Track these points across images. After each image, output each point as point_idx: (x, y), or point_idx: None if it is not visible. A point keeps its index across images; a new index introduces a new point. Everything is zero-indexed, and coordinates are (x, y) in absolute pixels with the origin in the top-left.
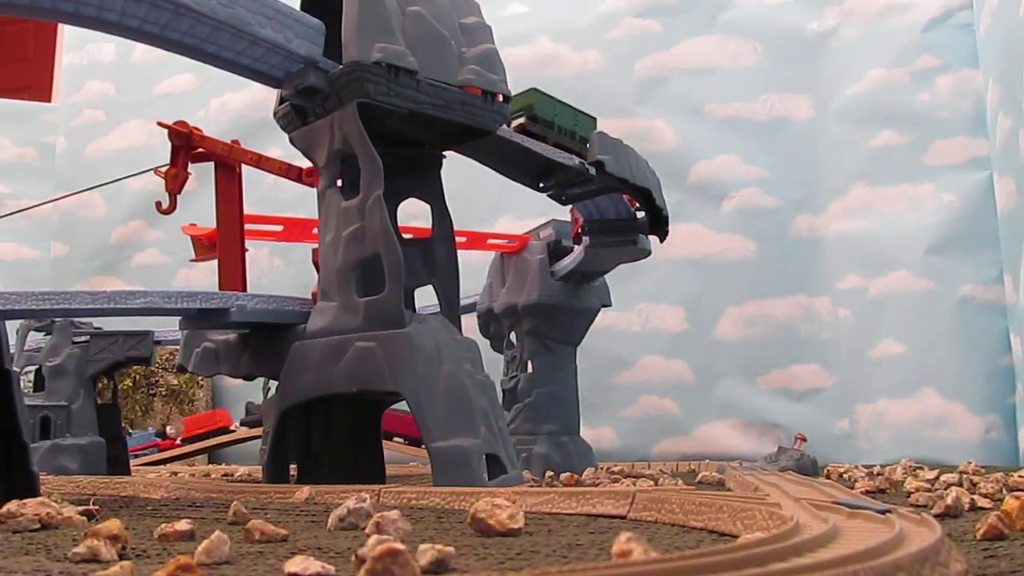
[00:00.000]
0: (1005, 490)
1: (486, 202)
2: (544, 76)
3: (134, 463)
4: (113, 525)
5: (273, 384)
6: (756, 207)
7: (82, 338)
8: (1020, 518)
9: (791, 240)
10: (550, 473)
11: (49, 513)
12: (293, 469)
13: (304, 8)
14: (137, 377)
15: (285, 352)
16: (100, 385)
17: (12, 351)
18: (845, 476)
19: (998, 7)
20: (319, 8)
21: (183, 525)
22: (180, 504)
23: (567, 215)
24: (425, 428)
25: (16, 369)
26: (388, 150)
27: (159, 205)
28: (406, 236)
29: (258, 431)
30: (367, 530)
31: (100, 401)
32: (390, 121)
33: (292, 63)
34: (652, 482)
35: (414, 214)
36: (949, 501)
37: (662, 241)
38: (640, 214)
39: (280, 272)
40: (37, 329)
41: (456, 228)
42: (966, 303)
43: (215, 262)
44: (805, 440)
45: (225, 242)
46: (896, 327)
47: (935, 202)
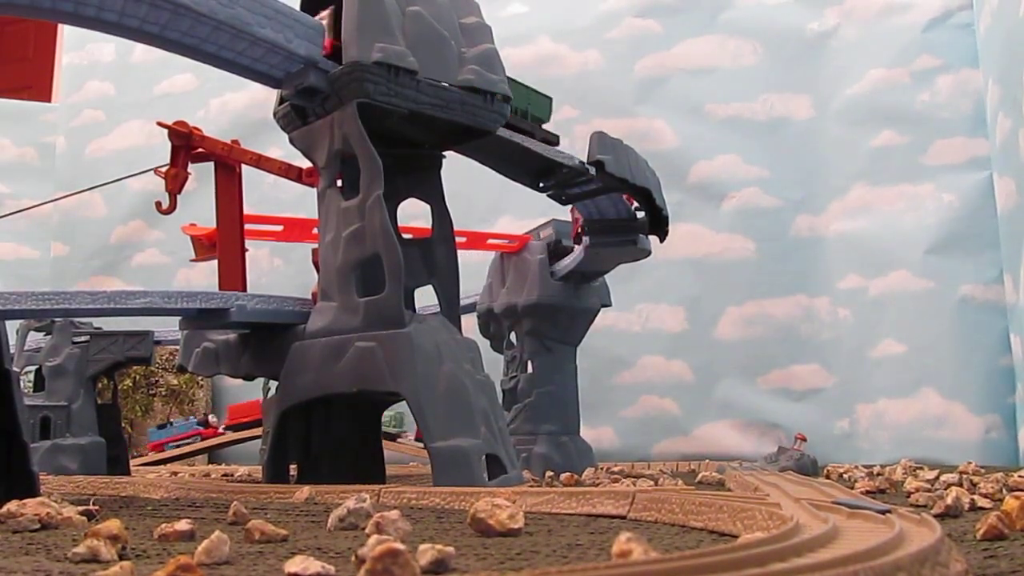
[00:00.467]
0: (1005, 490)
1: (486, 202)
2: (544, 76)
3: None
4: (113, 525)
5: (273, 384)
6: (756, 207)
7: (82, 338)
8: (1020, 518)
9: (791, 240)
10: (550, 473)
11: (49, 513)
12: (293, 469)
13: (304, 8)
14: (137, 377)
15: (285, 352)
16: (100, 385)
17: (12, 351)
18: (845, 476)
19: (998, 7)
20: (319, 8)
21: (183, 525)
22: (180, 504)
23: (567, 215)
24: (425, 428)
25: (16, 369)
26: (388, 150)
27: (159, 205)
28: (406, 236)
29: (258, 431)
30: (367, 530)
31: (100, 401)
32: (390, 121)
33: (292, 63)
34: (652, 482)
35: (414, 214)
36: (949, 501)
37: (662, 241)
38: (640, 214)
39: (280, 272)
40: (37, 329)
41: (456, 228)
42: (966, 303)
43: (215, 262)
44: (805, 440)
45: (225, 242)
46: (896, 327)
47: (935, 202)
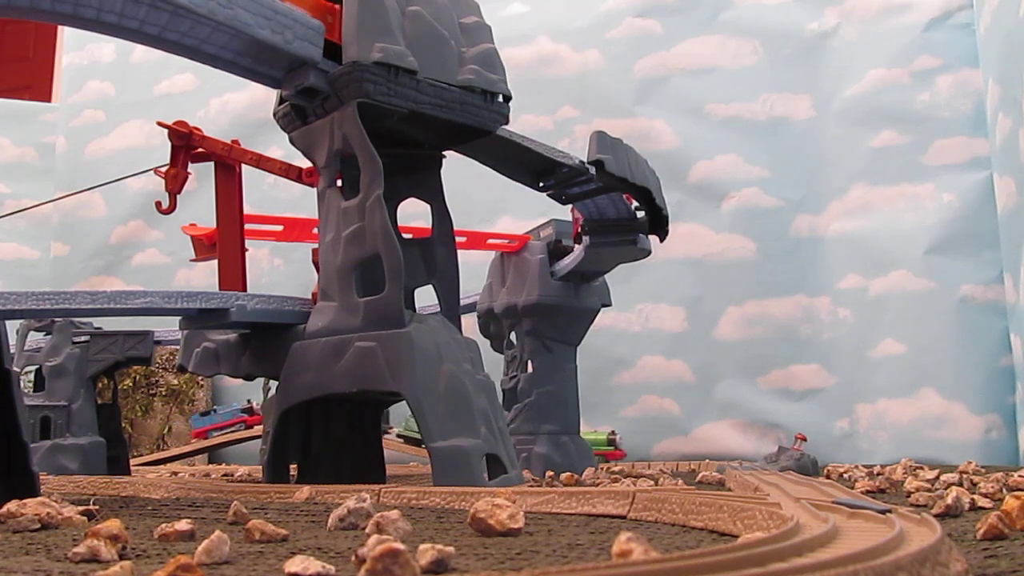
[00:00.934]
0: (1005, 490)
1: (486, 202)
2: (544, 76)
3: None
4: (113, 525)
5: (273, 384)
6: (756, 207)
7: (82, 338)
8: (1020, 518)
9: (791, 240)
10: (550, 473)
11: (49, 513)
12: (293, 469)
13: None
14: (137, 377)
15: (285, 352)
16: (100, 385)
17: (12, 351)
18: (845, 476)
19: (998, 7)
20: None
21: (183, 525)
22: (180, 504)
23: (567, 215)
24: (425, 428)
25: (16, 369)
26: (388, 150)
27: (159, 205)
28: (406, 236)
29: (258, 431)
30: (367, 530)
31: (100, 401)
32: (390, 121)
33: (291, 64)
34: (652, 482)
35: (414, 214)
36: (949, 501)
37: (662, 241)
38: (640, 214)
39: (280, 272)
40: (37, 329)
41: (456, 228)
42: (966, 303)
43: (215, 262)
44: (805, 440)
45: (225, 242)
46: (896, 327)
47: (935, 202)
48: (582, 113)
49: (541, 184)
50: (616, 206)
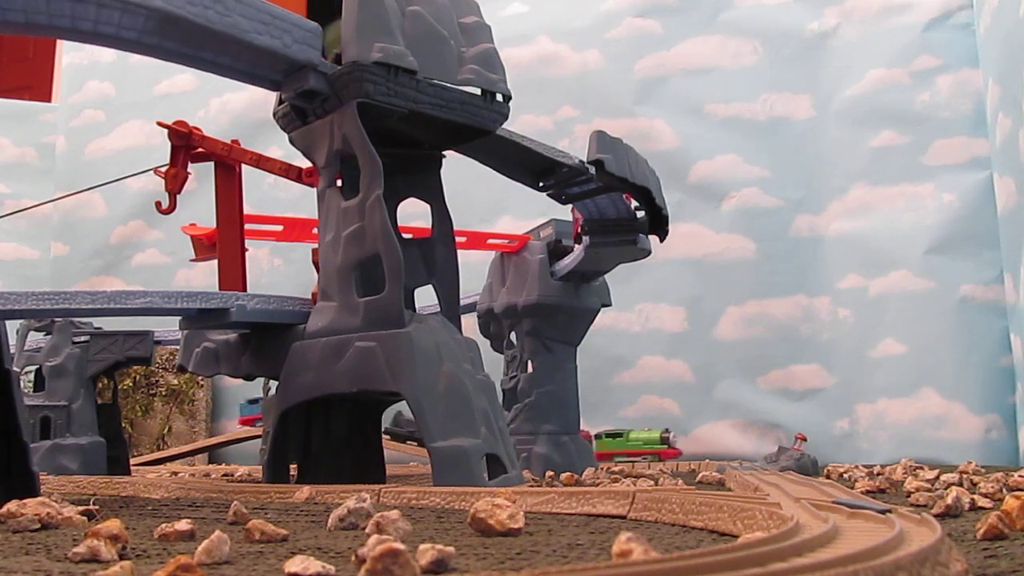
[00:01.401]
0: (1005, 490)
1: (486, 202)
2: (544, 76)
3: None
4: (113, 525)
5: (273, 384)
6: (756, 207)
7: (82, 338)
8: (1020, 518)
9: (791, 240)
10: (550, 473)
11: (49, 513)
12: (293, 469)
13: (309, 6)
14: (137, 377)
15: (285, 352)
16: (100, 385)
17: (12, 351)
18: (845, 476)
19: (998, 7)
20: (318, 8)
21: (183, 525)
22: (180, 504)
23: (567, 215)
24: (425, 428)
25: (16, 369)
26: (388, 150)
27: (159, 205)
28: (406, 236)
29: (258, 431)
30: (367, 530)
31: (100, 401)
32: (390, 121)
33: (290, 67)
34: (652, 482)
35: (414, 214)
36: (949, 501)
37: (662, 241)
38: (640, 214)
39: (280, 272)
40: (37, 329)
41: (456, 228)
42: (966, 303)
43: (215, 262)
44: (805, 440)
45: (225, 242)
46: (896, 327)
47: (935, 202)
48: (582, 113)
49: (541, 184)
50: (616, 206)
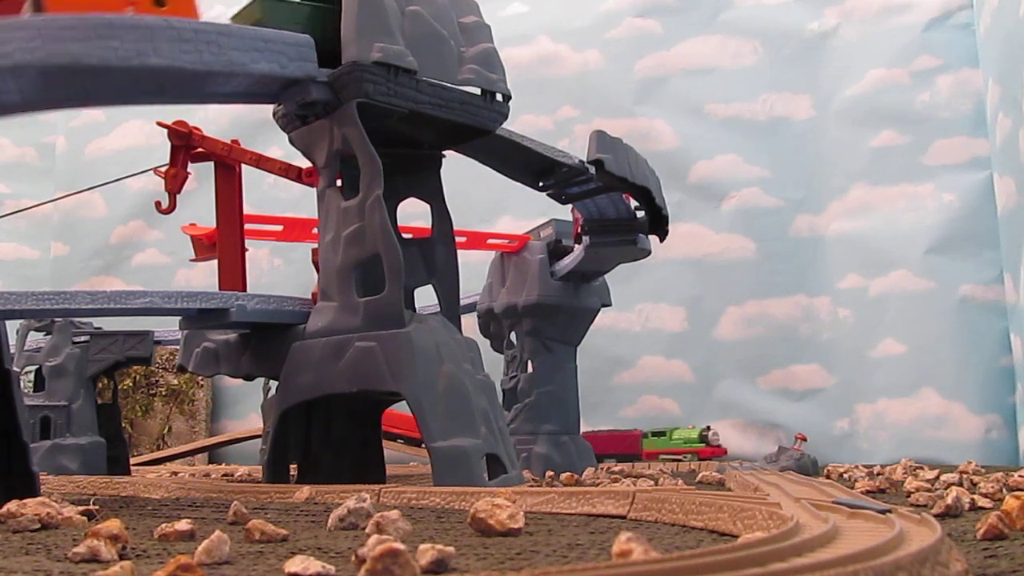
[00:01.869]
0: (1005, 490)
1: (486, 202)
2: (544, 76)
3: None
4: (113, 525)
5: (273, 384)
6: (756, 207)
7: (82, 338)
8: (1020, 518)
9: (791, 240)
10: (550, 473)
11: (49, 513)
12: (293, 469)
13: None
14: (137, 377)
15: (285, 352)
16: (100, 385)
17: (12, 351)
18: (845, 476)
19: (998, 7)
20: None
21: (183, 525)
22: (180, 504)
23: (568, 215)
24: (425, 428)
25: (16, 369)
26: (388, 150)
27: (159, 205)
28: (406, 236)
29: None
30: (367, 530)
31: (100, 401)
32: (389, 121)
33: (289, 83)
34: (652, 482)
35: (414, 214)
36: (949, 501)
37: (662, 241)
38: (640, 213)
39: (280, 272)
40: (37, 329)
41: (456, 228)
42: (966, 303)
43: (215, 262)
44: (805, 440)
45: (225, 242)
46: (896, 327)
47: (935, 202)
48: (582, 113)
49: (541, 184)
50: (616, 206)
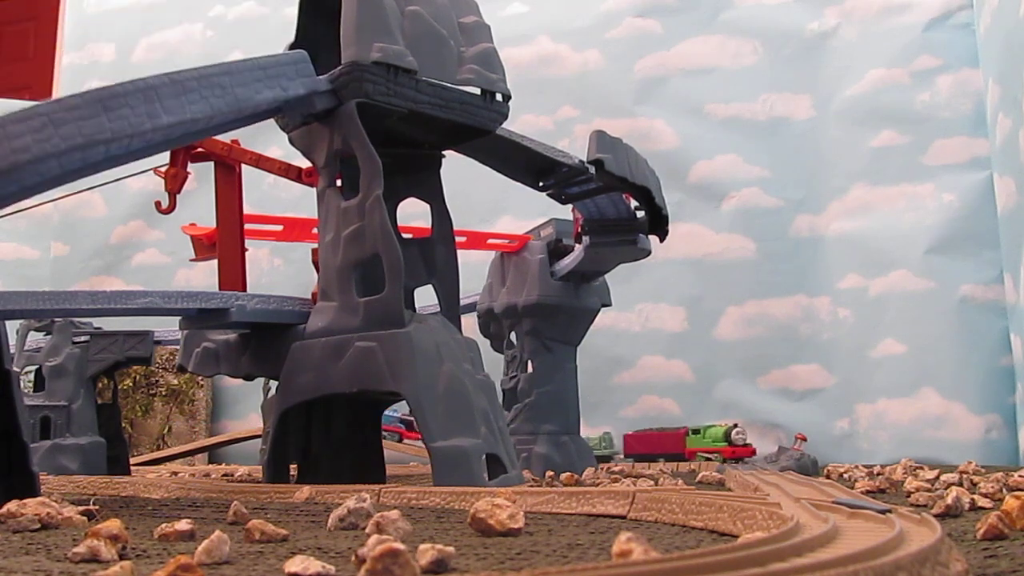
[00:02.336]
0: (1005, 490)
1: (486, 202)
2: (544, 76)
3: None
4: (113, 525)
5: (273, 384)
6: (756, 207)
7: (82, 338)
8: (1020, 518)
9: (791, 240)
10: (550, 473)
11: (49, 513)
12: (293, 469)
13: (304, 9)
14: (137, 377)
15: (285, 352)
16: (100, 385)
17: (12, 351)
18: (845, 476)
19: (998, 7)
20: (318, 7)
21: (183, 525)
22: (180, 504)
23: (568, 214)
24: (425, 428)
25: (16, 369)
26: (388, 150)
27: (159, 205)
28: (406, 236)
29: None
30: (367, 530)
31: (100, 401)
32: (389, 121)
33: (293, 101)
34: (652, 482)
35: (414, 214)
36: (949, 501)
37: (662, 241)
38: (640, 213)
39: (280, 272)
40: (37, 329)
41: (456, 228)
42: (966, 303)
43: (215, 262)
44: (805, 440)
45: (225, 242)
46: (896, 327)
47: (935, 202)
48: (582, 113)
49: (541, 184)
50: (616, 206)
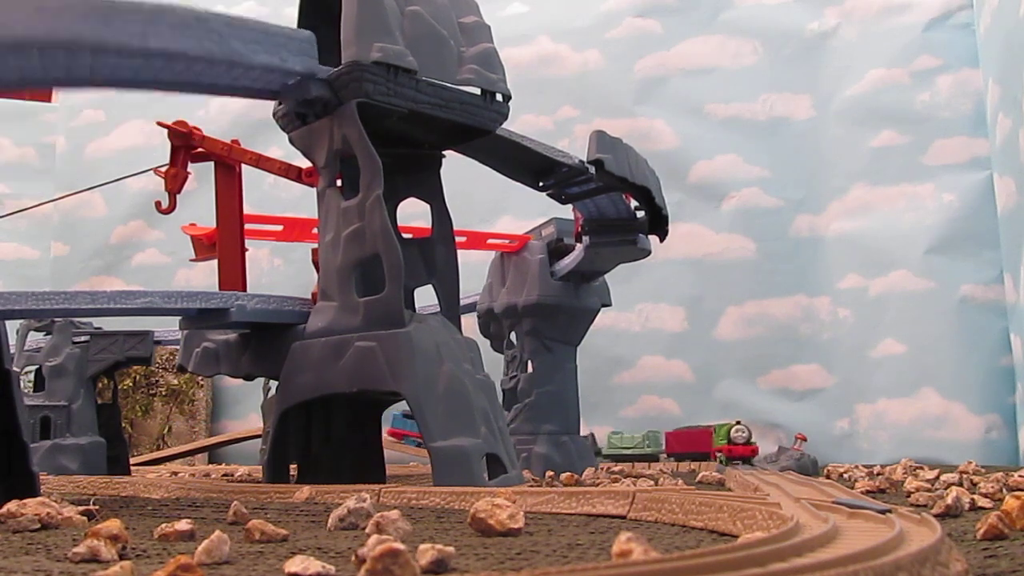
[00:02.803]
0: (1005, 490)
1: (486, 202)
2: (544, 76)
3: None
4: (113, 525)
5: (273, 384)
6: (756, 207)
7: (82, 338)
8: (1020, 518)
9: (791, 240)
10: (550, 473)
11: (49, 513)
12: (293, 469)
13: (303, 9)
14: (137, 377)
15: (285, 352)
16: (100, 385)
17: (12, 351)
18: (845, 476)
19: (998, 7)
20: (318, 8)
21: (183, 525)
22: (180, 504)
23: (569, 214)
24: (425, 428)
25: (16, 369)
26: (388, 150)
27: (159, 205)
28: (406, 236)
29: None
30: (367, 530)
31: (100, 401)
32: (389, 121)
33: (289, 78)
34: (652, 482)
35: (414, 214)
36: (949, 501)
37: (662, 241)
38: (640, 213)
39: (280, 272)
40: (37, 329)
41: (456, 228)
42: (966, 303)
43: (215, 262)
44: (805, 440)
45: (225, 242)
46: (896, 327)
47: (935, 202)
48: (582, 113)
49: (541, 184)
50: (616, 206)
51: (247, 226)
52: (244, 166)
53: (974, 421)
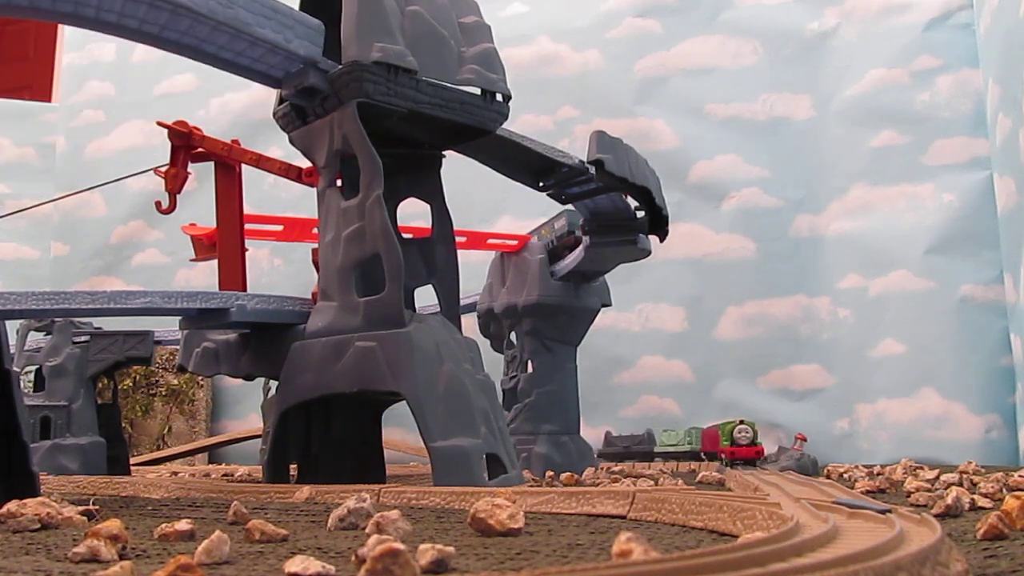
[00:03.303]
0: (1005, 490)
1: (486, 202)
2: (544, 76)
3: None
4: (113, 525)
5: (273, 384)
6: (756, 207)
7: (82, 338)
8: (1020, 518)
9: (791, 240)
10: (550, 473)
11: (49, 513)
12: (293, 469)
13: (303, 8)
14: (137, 377)
15: (285, 352)
16: (100, 385)
17: (12, 351)
18: (845, 476)
19: (998, 7)
20: (318, 8)
21: (183, 525)
22: (180, 504)
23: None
24: (425, 428)
25: (16, 369)
26: (388, 150)
27: (159, 205)
28: (406, 236)
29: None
30: (367, 530)
31: (100, 401)
32: (390, 121)
33: (292, 63)
34: (652, 482)
35: (414, 214)
36: (949, 501)
37: (662, 241)
38: (640, 214)
39: (280, 272)
40: (37, 329)
41: (456, 228)
42: (966, 303)
43: (215, 262)
44: (805, 440)
45: (225, 242)
46: (896, 327)
47: (935, 202)
48: (582, 113)
49: (541, 184)
50: (616, 206)
51: (247, 226)
52: (244, 166)
53: (974, 421)
